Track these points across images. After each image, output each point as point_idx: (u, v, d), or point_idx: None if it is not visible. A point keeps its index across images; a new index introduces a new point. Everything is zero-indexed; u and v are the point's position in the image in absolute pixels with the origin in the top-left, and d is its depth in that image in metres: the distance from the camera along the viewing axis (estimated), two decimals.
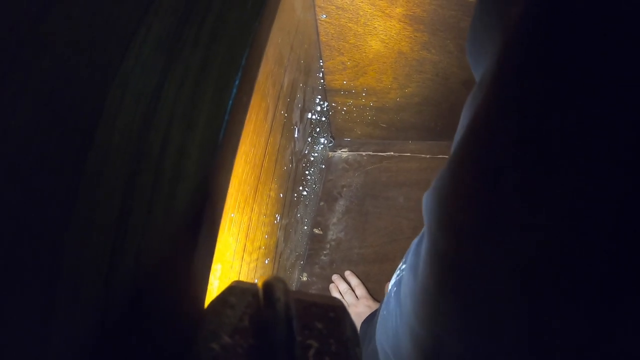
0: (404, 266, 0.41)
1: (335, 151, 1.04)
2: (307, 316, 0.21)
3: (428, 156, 1.02)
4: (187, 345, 0.20)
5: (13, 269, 0.20)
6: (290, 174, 0.69)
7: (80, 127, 0.23)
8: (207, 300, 0.23)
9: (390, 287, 0.42)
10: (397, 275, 0.42)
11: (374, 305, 0.82)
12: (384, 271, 0.90)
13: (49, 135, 0.22)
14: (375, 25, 0.70)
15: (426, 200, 0.27)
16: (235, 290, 0.22)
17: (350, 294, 0.85)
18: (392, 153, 1.03)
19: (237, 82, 0.23)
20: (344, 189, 1.00)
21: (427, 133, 1.00)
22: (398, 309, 0.35)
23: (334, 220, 0.96)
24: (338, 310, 0.22)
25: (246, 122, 0.44)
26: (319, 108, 0.85)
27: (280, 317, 0.18)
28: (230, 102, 0.23)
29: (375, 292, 0.87)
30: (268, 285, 0.20)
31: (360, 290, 0.86)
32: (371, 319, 0.70)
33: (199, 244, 0.21)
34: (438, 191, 0.25)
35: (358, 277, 0.88)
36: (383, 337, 0.41)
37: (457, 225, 0.23)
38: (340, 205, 0.98)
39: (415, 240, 0.41)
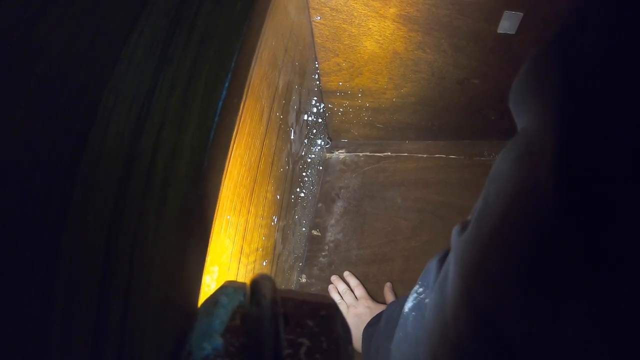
0: (420, 289, 0.41)
1: (333, 152, 1.04)
2: (298, 314, 0.21)
3: (425, 155, 1.02)
4: (179, 345, 0.20)
5: (8, 272, 0.20)
6: (287, 176, 0.69)
7: (73, 131, 0.23)
8: (201, 301, 0.24)
9: (407, 310, 0.42)
10: (414, 299, 0.41)
11: (374, 306, 0.82)
12: (382, 272, 0.90)
13: (43, 139, 0.22)
14: (370, 26, 0.71)
15: (462, 246, 0.27)
16: (227, 290, 0.22)
17: (349, 294, 0.85)
18: (389, 153, 1.03)
19: (226, 85, 0.23)
20: (342, 190, 1.00)
21: (424, 132, 1.00)
22: (419, 334, 0.35)
23: (332, 221, 0.96)
24: (329, 308, 0.22)
25: (241, 124, 0.44)
26: (315, 109, 0.86)
27: (266, 313, 0.18)
28: (220, 104, 0.23)
29: (375, 293, 0.87)
30: (255, 283, 0.20)
31: (360, 290, 0.86)
32: (375, 323, 0.69)
33: (191, 246, 0.22)
34: (477, 244, 0.25)
35: (357, 277, 0.89)
36: (399, 357, 0.41)
37: (500, 288, 0.23)
38: (338, 206, 0.98)
39: (433, 267, 0.40)
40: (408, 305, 0.42)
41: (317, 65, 0.80)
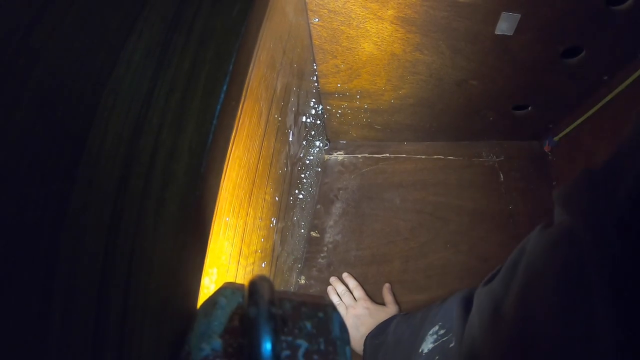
0: (442, 331, 0.42)
1: (331, 154, 1.04)
2: (296, 315, 0.21)
3: (423, 157, 1.02)
4: (178, 345, 0.21)
5: (8, 273, 0.20)
6: (285, 178, 0.70)
7: (73, 134, 0.23)
8: (200, 302, 0.24)
9: (426, 351, 0.43)
10: (435, 340, 0.43)
11: (372, 307, 0.82)
12: (381, 272, 0.91)
13: (42, 140, 0.23)
14: (368, 28, 0.71)
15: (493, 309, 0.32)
16: (226, 292, 0.22)
17: (348, 295, 0.85)
18: (387, 155, 1.03)
19: (224, 88, 0.23)
20: (340, 191, 1.00)
21: (422, 134, 1.01)
22: None
23: (331, 222, 0.96)
24: (327, 309, 0.22)
25: (239, 126, 0.44)
26: (313, 111, 0.86)
27: (264, 315, 0.18)
28: (218, 107, 0.23)
29: (373, 294, 0.87)
30: (253, 285, 0.20)
31: (358, 292, 0.86)
32: (380, 334, 0.69)
33: (190, 247, 0.22)
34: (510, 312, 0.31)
35: (356, 278, 0.89)
36: None
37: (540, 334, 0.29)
38: (337, 207, 0.98)
39: (454, 310, 0.42)
40: (427, 345, 0.43)
41: (315, 67, 0.80)
